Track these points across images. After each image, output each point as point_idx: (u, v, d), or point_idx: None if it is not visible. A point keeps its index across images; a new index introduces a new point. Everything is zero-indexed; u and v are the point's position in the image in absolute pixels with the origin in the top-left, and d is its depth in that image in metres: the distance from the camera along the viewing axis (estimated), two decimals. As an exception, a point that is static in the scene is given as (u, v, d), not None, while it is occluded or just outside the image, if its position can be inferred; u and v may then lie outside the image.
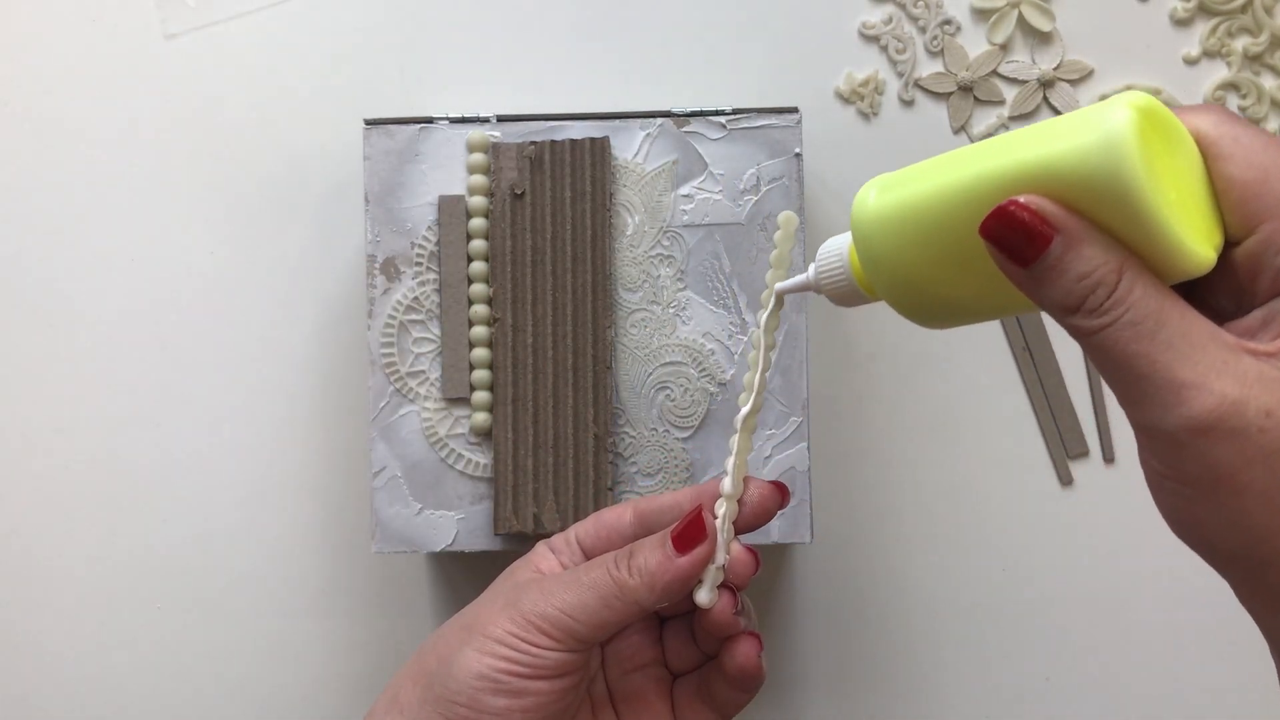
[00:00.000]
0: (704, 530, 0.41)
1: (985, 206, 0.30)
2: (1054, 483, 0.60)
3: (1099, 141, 0.28)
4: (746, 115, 0.52)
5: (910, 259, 0.33)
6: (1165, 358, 0.28)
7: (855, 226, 0.35)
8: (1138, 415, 0.29)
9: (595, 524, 0.44)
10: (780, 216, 0.42)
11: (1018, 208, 0.29)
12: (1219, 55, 0.60)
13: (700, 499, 0.43)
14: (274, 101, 0.60)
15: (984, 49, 0.60)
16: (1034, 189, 0.29)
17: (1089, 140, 0.29)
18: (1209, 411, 0.28)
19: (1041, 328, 0.60)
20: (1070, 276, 0.29)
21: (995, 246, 0.30)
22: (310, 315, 0.60)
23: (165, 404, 0.60)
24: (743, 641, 0.43)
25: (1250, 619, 0.38)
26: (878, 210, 0.34)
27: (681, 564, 0.41)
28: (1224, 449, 0.28)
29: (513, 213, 0.52)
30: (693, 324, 0.52)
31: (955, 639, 0.60)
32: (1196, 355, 0.28)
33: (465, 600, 0.46)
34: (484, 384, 0.52)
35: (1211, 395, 0.28)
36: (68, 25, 0.60)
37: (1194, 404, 0.28)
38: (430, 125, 0.52)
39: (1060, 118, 0.31)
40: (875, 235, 0.34)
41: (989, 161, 0.31)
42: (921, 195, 0.33)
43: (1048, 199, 0.29)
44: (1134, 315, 0.29)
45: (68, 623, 0.60)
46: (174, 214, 0.60)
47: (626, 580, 0.41)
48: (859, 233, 0.35)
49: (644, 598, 0.40)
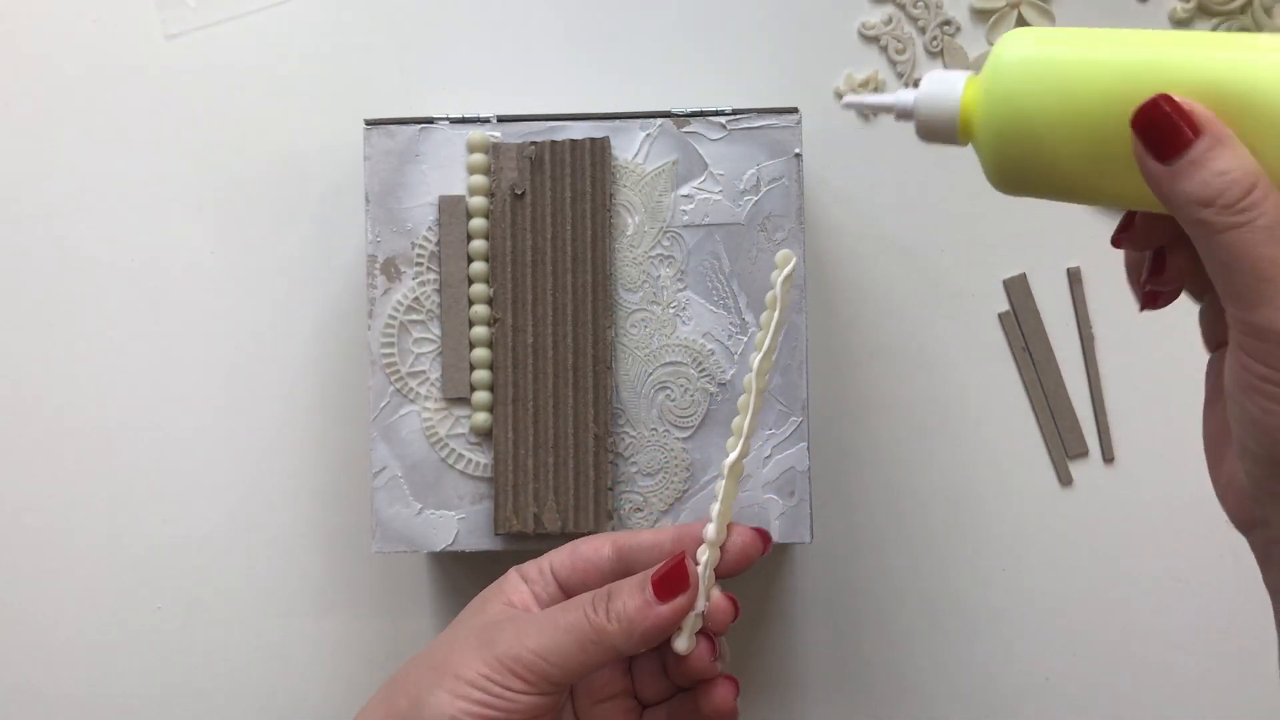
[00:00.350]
0: (686, 578, 0.41)
1: (1143, 93, 0.31)
2: (1054, 483, 0.60)
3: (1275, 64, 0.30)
4: (746, 115, 0.52)
5: (1043, 112, 0.33)
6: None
7: (998, 60, 0.34)
8: (1253, 316, 0.30)
9: (572, 555, 0.44)
10: (779, 255, 0.42)
11: (1170, 105, 0.30)
12: (1218, 56, 0.60)
13: (682, 542, 0.42)
14: (274, 102, 0.60)
15: (984, 50, 0.61)
16: (1199, 92, 0.31)
17: (1270, 60, 0.30)
18: None
19: (1041, 328, 0.60)
20: (1210, 171, 0.30)
21: (1141, 139, 0.31)
22: (310, 315, 0.60)
23: (165, 404, 0.60)
24: (719, 685, 0.43)
25: (1250, 619, 0.39)
26: (1030, 55, 0.34)
27: (662, 612, 0.40)
28: None
29: (513, 213, 0.52)
30: (693, 324, 0.52)
31: (955, 639, 0.60)
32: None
33: (466, 600, 0.46)
34: (484, 384, 0.52)
35: None
36: (68, 25, 0.60)
37: None
38: (430, 125, 0.52)
39: (1247, 34, 0.31)
40: (1018, 77, 0.34)
41: (1161, 50, 0.32)
42: (1082, 60, 0.33)
43: (1200, 103, 0.30)
44: (1268, 220, 0.30)
45: (68, 622, 0.60)
46: (174, 214, 0.60)
47: (604, 626, 0.40)
48: (1001, 66, 0.34)
49: (621, 644, 0.40)
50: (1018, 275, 0.60)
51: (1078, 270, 0.60)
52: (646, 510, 0.52)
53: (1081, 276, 0.60)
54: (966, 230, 0.60)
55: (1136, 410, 0.60)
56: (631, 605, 0.40)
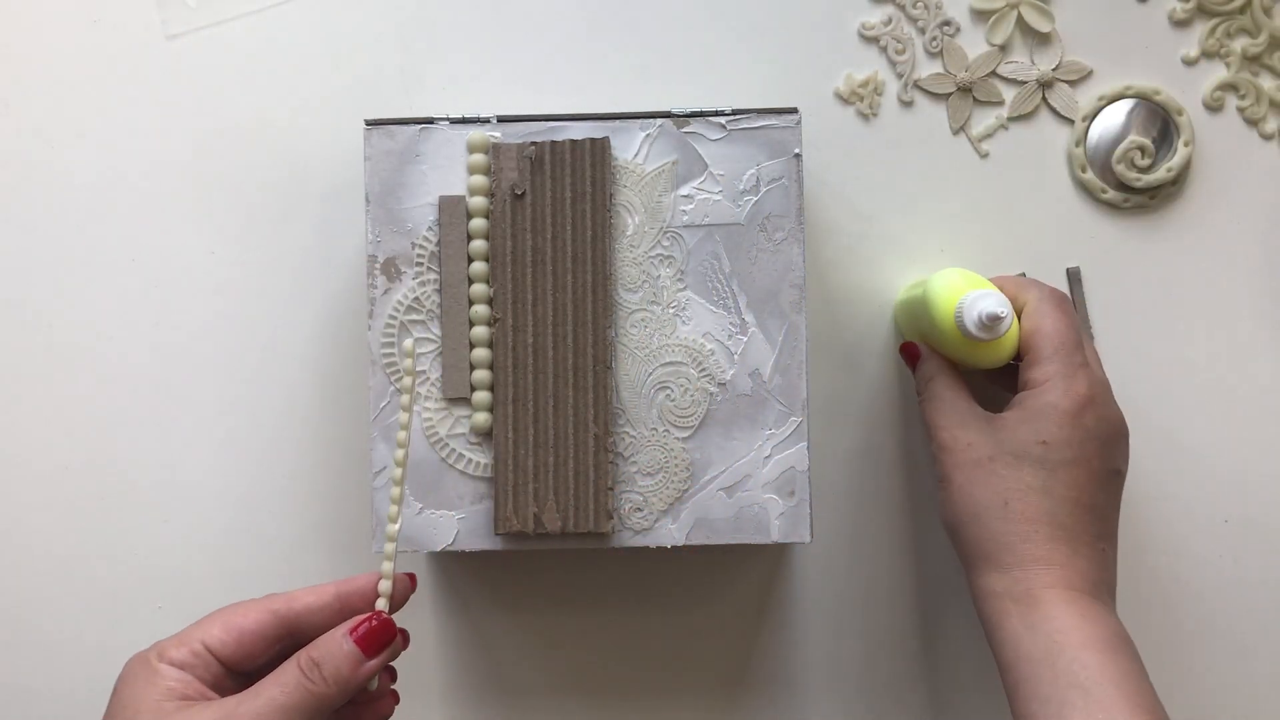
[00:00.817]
0: (394, 632, 0.44)
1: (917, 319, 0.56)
2: (1053, 483, 0.60)
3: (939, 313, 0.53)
4: (746, 116, 0.52)
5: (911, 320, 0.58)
6: (935, 418, 0.54)
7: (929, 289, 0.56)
8: (931, 446, 0.54)
9: (225, 631, 0.44)
10: (405, 344, 0.45)
11: (906, 345, 0.57)
12: (1218, 56, 0.61)
13: (348, 599, 0.45)
14: (275, 102, 0.60)
15: (983, 50, 0.61)
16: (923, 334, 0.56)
17: (937, 314, 0.53)
18: (940, 441, 0.53)
19: (1041, 328, 0.60)
20: (917, 376, 0.56)
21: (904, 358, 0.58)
22: (311, 315, 0.60)
23: (165, 404, 0.60)
24: (388, 699, 0.47)
25: (1250, 619, 0.43)
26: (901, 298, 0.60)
27: (371, 666, 0.44)
28: (945, 458, 0.52)
29: (513, 213, 0.52)
30: (693, 324, 0.52)
31: (955, 638, 0.60)
32: (952, 416, 0.53)
33: (465, 599, 0.46)
34: (484, 384, 0.52)
35: (945, 433, 0.53)
36: (69, 26, 0.60)
37: (936, 437, 0.53)
38: (431, 126, 0.53)
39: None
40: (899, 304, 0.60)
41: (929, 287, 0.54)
42: (908, 299, 0.59)
43: (919, 342, 0.57)
44: (929, 394, 0.54)
45: (68, 622, 0.60)
46: (174, 214, 0.60)
47: (324, 690, 0.42)
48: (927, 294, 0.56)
49: (337, 700, 0.43)
50: (1017, 275, 0.60)
51: (1077, 270, 0.60)
52: (646, 510, 0.52)
53: (1081, 277, 0.60)
54: (966, 230, 0.60)
55: (1136, 410, 0.60)
56: (345, 667, 0.43)
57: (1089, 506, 0.50)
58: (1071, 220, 0.60)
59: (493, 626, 0.60)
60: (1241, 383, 0.60)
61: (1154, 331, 0.60)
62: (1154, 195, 0.60)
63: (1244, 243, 0.60)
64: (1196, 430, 0.60)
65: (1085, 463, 0.50)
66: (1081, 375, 0.51)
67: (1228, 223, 0.60)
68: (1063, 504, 0.50)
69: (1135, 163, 0.60)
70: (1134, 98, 0.60)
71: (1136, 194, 0.60)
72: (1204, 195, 0.60)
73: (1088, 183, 0.60)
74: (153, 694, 0.43)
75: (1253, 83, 0.60)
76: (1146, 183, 0.60)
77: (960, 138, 0.60)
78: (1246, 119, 0.61)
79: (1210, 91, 0.60)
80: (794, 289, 0.52)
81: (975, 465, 0.51)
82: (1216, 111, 0.61)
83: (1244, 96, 0.60)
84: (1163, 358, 0.60)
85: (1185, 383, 0.60)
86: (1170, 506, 0.60)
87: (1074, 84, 0.61)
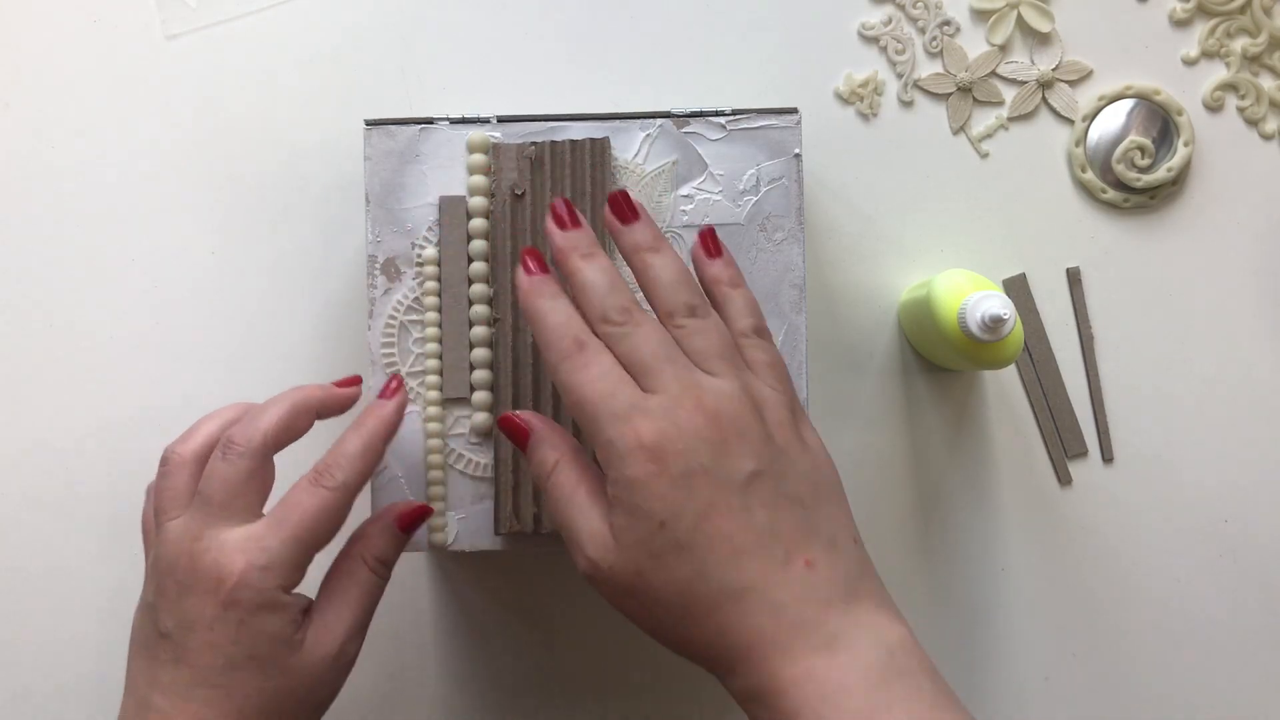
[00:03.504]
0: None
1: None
2: (1053, 482, 0.60)
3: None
4: (746, 116, 0.52)
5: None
6: (568, 527, 0.43)
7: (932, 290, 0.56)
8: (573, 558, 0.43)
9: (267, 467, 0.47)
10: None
11: (505, 419, 0.45)
12: (1218, 56, 0.61)
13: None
14: (274, 102, 0.60)
15: (983, 50, 0.61)
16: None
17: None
18: (582, 569, 0.42)
19: (1041, 328, 0.60)
20: (531, 461, 0.44)
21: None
22: (310, 315, 0.60)
23: (166, 403, 0.60)
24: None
25: (1250, 620, 0.41)
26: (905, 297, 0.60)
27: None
28: (599, 588, 0.42)
29: (513, 213, 0.52)
30: (693, 324, 0.52)
31: (954, 639, 0.60)
32: (584, 530, 0.42)
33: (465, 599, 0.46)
34: (484, 384, 0.52)
35: (584, 559, 0.42)
36: (69, 26, 0.60)
37: (574, 558, 0.43)
38: (431, 126, 0.53)
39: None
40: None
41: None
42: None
43: (533, 415, 0.45)
44: (551, 492, 0.43)
45: (69, 622, 0.60)
46: (174, 214, 0.60)
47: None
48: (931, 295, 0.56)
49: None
50: (1017, 275, 0.60)
51: (1077, 270, 0.60)
52: (646, 510, 0.52)
53: (1081, 276, 0.60)
54: (966, 230, 0.60)
55: (1136, 410, 0.60)
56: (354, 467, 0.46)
57: (757, 542, 0.40)
58: (1071, 220, 0.60)
59: (493, 626, 0.60)
60: (1241, 383, 0.60)
61: (1154, 331, 0.60)
62: (1154, 195, 0.60)
63: (1244, 243, 0.60)
64: (1196, 430, 0.60)
65: (711, 507, 0.40)
66: (626, 429, 0.40)
67: (1228, 223, 0.60)
68: (728, 568, 0.40)
69: (1135, 163, 0.60)
70: (1134, 98, 0.60)
71: (1136, 194, 0.60)
72: (1204, 195, 0.60)
73: (1088, 183, 0.60)
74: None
75: (1253, 83, 0.60)
76: (1146, 183, 0.60)
77: (960, 138, 0.60)
78: (1246, 119, 0.61)
79: (1210, 91, 0.60)
80: (794, 289, 0.52)
81: (629, 594, 0.41)
82: (1216, 111, 0.61)
83: (1244, 96, 0.60)
84: (1163, 357, 0.60)
85: (1185, 383, 0.60)
86: (1170, 507, 0.60)
87: (1074, 84, 0.61)
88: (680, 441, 0.40)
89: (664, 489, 0.40)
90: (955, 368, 0.59)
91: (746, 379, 0.42)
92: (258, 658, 0.44)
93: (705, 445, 0.40)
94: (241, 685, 0.44)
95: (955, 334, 0.52)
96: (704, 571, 0.39)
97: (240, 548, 0.44)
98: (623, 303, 0.43)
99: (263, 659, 0.44)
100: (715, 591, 0.39)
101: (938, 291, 0.53)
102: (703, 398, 0.41)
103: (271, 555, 0.44)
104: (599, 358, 0.42)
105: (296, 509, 0.45)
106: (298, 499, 0.45)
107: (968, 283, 0.53)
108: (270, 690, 0.44)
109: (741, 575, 0.39)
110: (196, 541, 0.44)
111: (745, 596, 0.39)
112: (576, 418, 0.42)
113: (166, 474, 0.47)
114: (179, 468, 0.47)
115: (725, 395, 0.41)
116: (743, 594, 0.39)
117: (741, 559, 0.40)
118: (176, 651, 0.44)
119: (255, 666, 0.44)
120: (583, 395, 0.41)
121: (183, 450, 0.47)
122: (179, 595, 0.44)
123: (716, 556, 0.39)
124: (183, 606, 0.44)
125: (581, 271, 0.43)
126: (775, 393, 0.43)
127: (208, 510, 0.45)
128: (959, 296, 0.52)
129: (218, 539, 0.44)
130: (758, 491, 0.40)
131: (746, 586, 0.39)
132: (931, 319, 0.53)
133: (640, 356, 0.42)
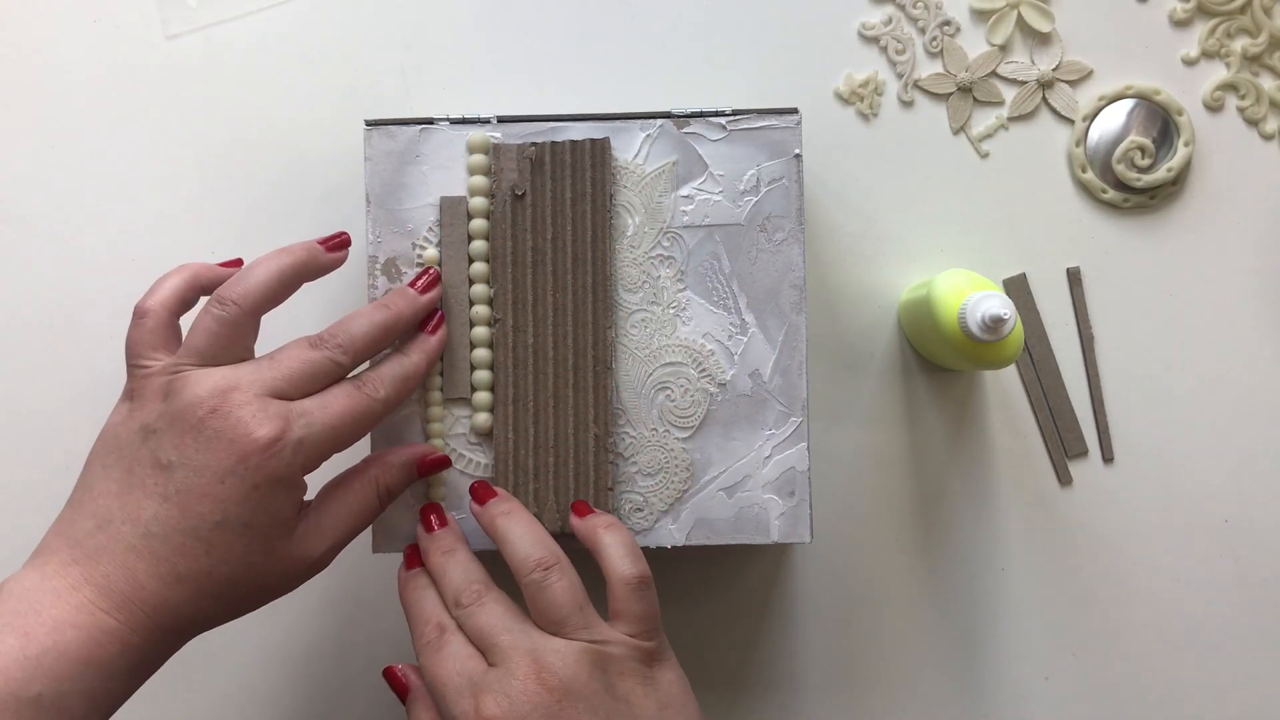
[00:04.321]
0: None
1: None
2: (1053, 482, 0.60)
3: None
4: (746, 116, 0.52)
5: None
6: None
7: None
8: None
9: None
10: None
11: (389, 671, 0.49)
12: (1218, 56, 0.61)
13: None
14: (275, 102, 0.60)
15: (983, 50, 0.61)
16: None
17: None
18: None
19: (1041, 328, 0.60)
20: (410, 715, 0.47)
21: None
22: (311, 315, 0.60)
23: (166, 404, 0.60)
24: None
25: (1250, 619, 0.42)
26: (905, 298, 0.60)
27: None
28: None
29: (513, 213, 0.52)
30: (693, 324, 0.52)
31: (954, 638, 0.60)
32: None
33: (466, 600, 0.46)
34: (485, 384, 0.52)
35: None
36: (69, 25, 0.60)
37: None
38: (431, 126, 0.53)
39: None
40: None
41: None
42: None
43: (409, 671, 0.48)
44: (437, 649, 0.45)
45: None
46: (174, 214, 0.60)
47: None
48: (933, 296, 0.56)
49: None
50: (1017, 275, 0.60)
51: (1077, 270, 0.60)
52: (647, 510, 0.52)
53: (1081, 276, 0.60)
54: (966, 230, 0.60)
55: (1136, 410, 0.60)
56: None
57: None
58: (1071, 220, 0.60)
59: (493, 626, 0.60)
60: (1241, 382, 0.60)
61: (1154, 331, 0.60)
62: (1154, 195, 0.60)
63: (1244, 243, 0.60)
64: (1196, 430, 0.60)
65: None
66: (468, 706, 0.43)
67: (1228, 223, 0.60)
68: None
69: (1135, 163, 0.60)
70: (1134, 98, 0.60)
71: (1136, 194, 0.60)
72: (1204, 195, 0.61)
73: (1088, 183, 0.60)
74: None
75: (1253, 83, 0.60)
76: (1146, 183, 0.60)
77: (960, 138, 0.60)
78: (1246, 119, 0.61)
79: (1210, 91, 0.60)
80: (794, 289, 0.52)
81: None
82: (1216, 111, 0.61)
83: (1244, 96, 0.60)
84: (1163, 357, 0.60)
85: (1185, 382, 0.60)
86: (1171, 506, 0.60)
87: (1074, 84, 0.61)
88: (514, 713, 0.42)
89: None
90: (955, 368, 0.59)
91: (593, 633, 0.44)
92: (253, 527, 0.43)
93: (540, 713, 0.42)
94: (222, 548, 0.43)
95: (955, 334, 0.52)
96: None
97: (282, 413, 0.44)
98: (474, 586, 0.46)
99: (255, 531, 0.43)
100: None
101: (938, 291, 0.53)
102: (540, 665, 0.43)
103: (312, 433, 0.44)
104: (452, 639, 0.45)
105: (337, 403, 0.46)
106: (337, 396, 0.46)
107: (968, 283, 0.53)
108: (244, 564, 0.43)
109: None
110: (234, 391, 0.44)
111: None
112: (434, 700, 0.44)
113: (141, 324, 0.47)
114: (153, 315, 0.47)
115: (562, 657, 0.43)
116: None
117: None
118: (171, 488, 0.43)
119: (246, 535, 0.43)
120: (433, 675, 0.44)
121: (152, 302, 0.48)
122: (196, 435, 0.43)
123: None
124: (197, 446, 0.43)
125: (440, 565, 0.48)
126: (621, 642, 0.45)
127: (200, 361, 0.45)
128: (959, 296, 0.52)
129: (259, 398, 0.44)
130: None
131: None
132: (931, 319, 0.53)
133: (484, 632, 0.44)
